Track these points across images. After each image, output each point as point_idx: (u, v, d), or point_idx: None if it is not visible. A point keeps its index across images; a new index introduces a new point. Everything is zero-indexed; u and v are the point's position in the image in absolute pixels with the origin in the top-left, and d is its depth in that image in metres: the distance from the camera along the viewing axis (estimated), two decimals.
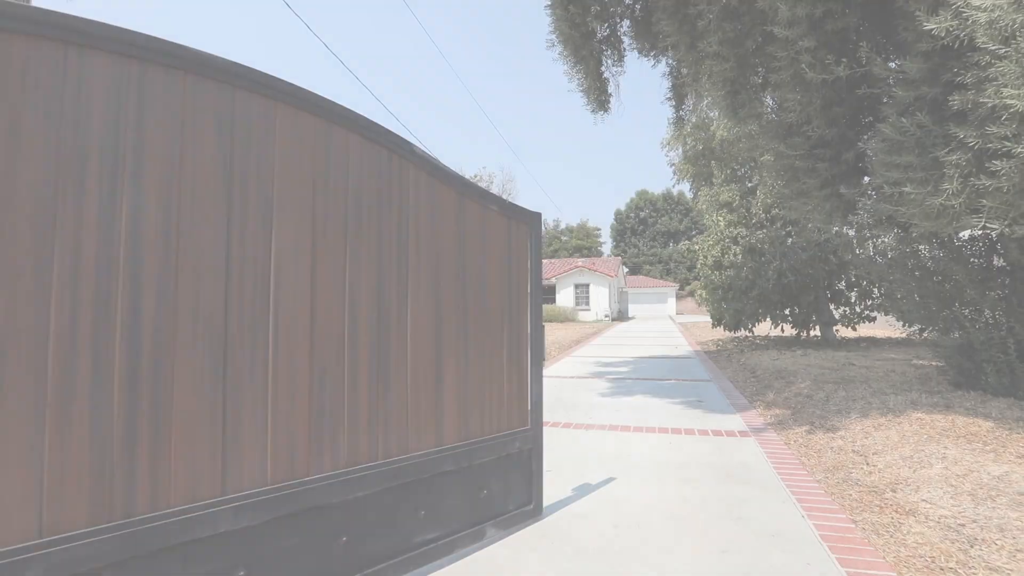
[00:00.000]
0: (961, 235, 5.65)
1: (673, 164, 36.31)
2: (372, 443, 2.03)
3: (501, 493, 2.55)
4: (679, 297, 46.64)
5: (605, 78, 8.28)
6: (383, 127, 2.17)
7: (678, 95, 7.84)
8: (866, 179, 5.72)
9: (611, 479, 3.29)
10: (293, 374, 1.82)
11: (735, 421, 4.90)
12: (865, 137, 5.17)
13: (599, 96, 8.11)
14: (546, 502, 2.84)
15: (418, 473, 2.16)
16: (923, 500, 2.82)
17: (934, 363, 6.98)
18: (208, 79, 1.65)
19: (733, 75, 5.49)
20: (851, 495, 3.00)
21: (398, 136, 2.21)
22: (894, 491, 2.98)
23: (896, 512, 2.72)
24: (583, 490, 3.11)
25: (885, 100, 4.56)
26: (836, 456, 3.68)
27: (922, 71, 3.90)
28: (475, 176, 58.17)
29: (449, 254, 2.38)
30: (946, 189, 3.60)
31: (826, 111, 5.04)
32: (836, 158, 5.30)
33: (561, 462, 3.63)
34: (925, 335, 6.34)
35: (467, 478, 2.38)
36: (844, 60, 4.40)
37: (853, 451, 3.74)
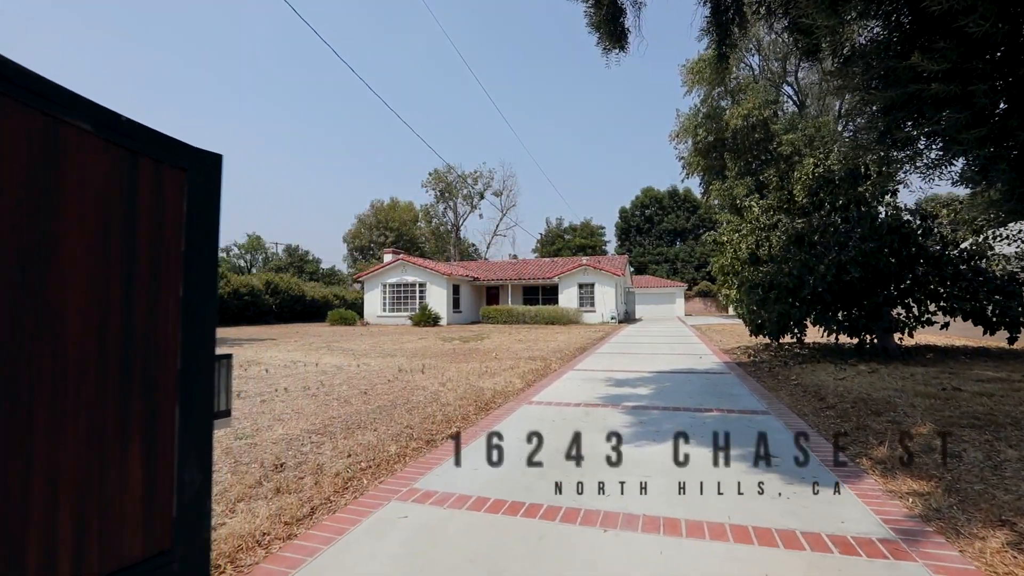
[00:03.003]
0: None
1: (682, 157, 34.06)
2: None
3: None
4: (687, 297, 44.56)
5: (622, 5, 6.29)
6: None
7: (719, 24, 5.82)
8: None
9: None
10: None
11: (854, 507, 2.88)
12: None
13: (612, 28, 6.11)
14: None
15: None
16: None
17: None
18: None
19: None
20: None
21: None
22: None
23: None
24: None
25: None
26: None
27: None
28: (474, 172, 54.77)
29: None
30: None
31: None
32: (1010, 73, 3.29)
33: None
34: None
35: None
36: None
37: None
